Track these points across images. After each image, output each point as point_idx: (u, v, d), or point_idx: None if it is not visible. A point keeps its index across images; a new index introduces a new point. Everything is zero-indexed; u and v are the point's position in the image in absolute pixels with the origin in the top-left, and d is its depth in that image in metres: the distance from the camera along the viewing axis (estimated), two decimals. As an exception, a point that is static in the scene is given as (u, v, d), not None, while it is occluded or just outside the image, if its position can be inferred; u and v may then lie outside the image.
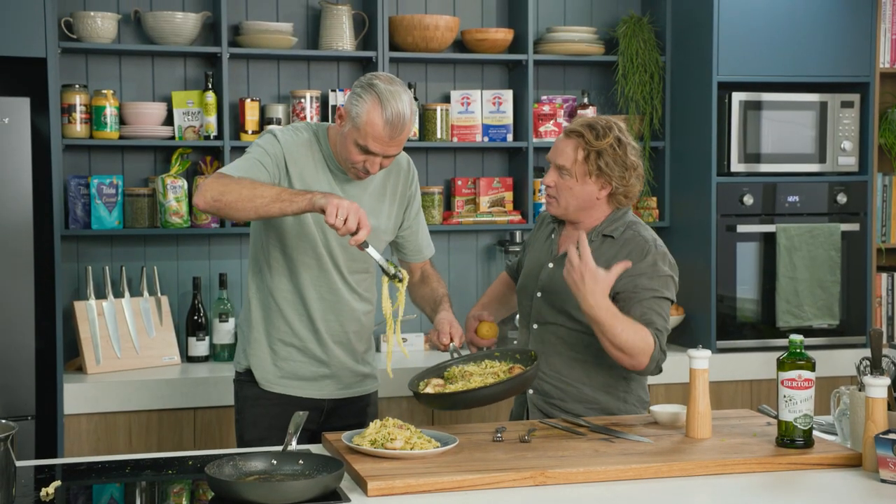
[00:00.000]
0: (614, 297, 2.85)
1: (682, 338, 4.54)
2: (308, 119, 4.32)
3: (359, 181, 2.97)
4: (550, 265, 3.05)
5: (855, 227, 4.53)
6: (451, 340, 2.97)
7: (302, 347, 3.01)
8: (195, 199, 2.74)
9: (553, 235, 3.10)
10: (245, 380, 3.06)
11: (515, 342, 3.19)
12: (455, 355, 2.96)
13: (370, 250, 2.73)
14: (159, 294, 4.25)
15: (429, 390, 2.80)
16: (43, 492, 2.31)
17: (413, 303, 3.23)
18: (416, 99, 4.49)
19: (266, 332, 3.01)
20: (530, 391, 3.04)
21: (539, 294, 3.04)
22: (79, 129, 4.11)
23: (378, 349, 4.32)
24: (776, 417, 2.71)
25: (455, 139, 4.54)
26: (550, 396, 3.02)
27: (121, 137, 4.20)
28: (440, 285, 3.19)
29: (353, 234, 2.63)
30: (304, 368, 3.02)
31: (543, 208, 3.23)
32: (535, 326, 3.05)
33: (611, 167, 2.92)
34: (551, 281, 3.02)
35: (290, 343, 3.00)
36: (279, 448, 2.47)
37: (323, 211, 2.63)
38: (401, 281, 2.80)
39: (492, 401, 2.86)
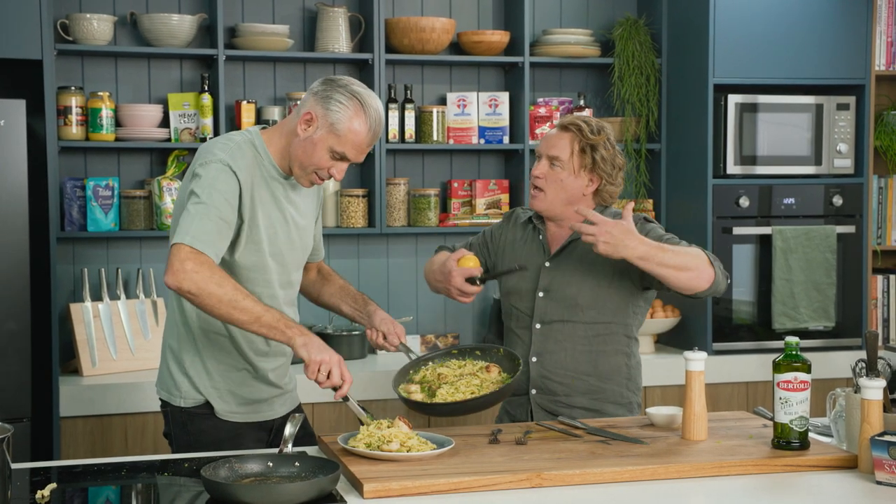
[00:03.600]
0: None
1: (678, 340, 4.54)
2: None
3: (300, 187, 2.84)
4: (548, 264, 3.07)
5: (851, 229, 4.53)
6: (400, 340, 2.96)
7: (256, 375, 2.87)
8: (167, 277, 2.54)
9: (541, 237, 3.11)
10: (200, 413, 2.84)
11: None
12: (413, 356, 2.98)
13: (350, 402, 2.66)
14: (155, 296, 4.25)
15: (420, 398, 2.82)
16: (38, 494, 2.31)
17: (319, 301, 3.11)
18: (412, 101, 4.50)
19: (216, 359, 2.83)
20: (533, 391, 3.05)
21: (541, 294, 3.05)
22: (75, 131, 4.11)
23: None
24: (772, 419, 2.71)
25: (451, 141, 4.55)
26: (556, 394, 3.03)
27: (117, 139, 4.20)
28: (347, 282, 3.12)
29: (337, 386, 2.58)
30: (258, 392, 2.89)
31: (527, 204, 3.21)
32: (538, 326, 3.05)
33: (605, 162, 2.99)
34: (553, 279, 3.04)
35: (242, 368, 2.85)
36: (275, 450, 2.47)
37: (305, 362, 2.57)
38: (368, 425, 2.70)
39: (494, 404, 2.88)
